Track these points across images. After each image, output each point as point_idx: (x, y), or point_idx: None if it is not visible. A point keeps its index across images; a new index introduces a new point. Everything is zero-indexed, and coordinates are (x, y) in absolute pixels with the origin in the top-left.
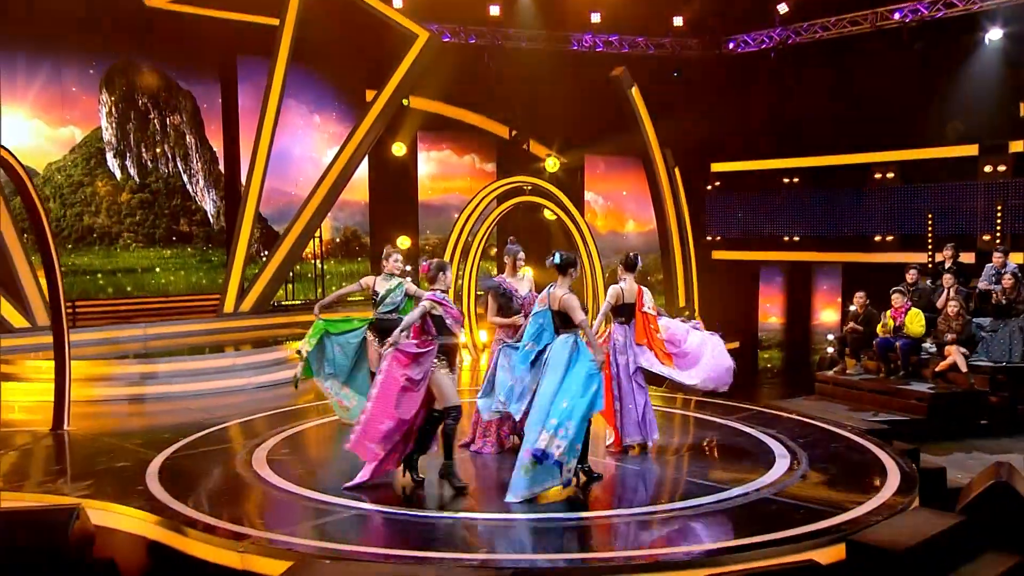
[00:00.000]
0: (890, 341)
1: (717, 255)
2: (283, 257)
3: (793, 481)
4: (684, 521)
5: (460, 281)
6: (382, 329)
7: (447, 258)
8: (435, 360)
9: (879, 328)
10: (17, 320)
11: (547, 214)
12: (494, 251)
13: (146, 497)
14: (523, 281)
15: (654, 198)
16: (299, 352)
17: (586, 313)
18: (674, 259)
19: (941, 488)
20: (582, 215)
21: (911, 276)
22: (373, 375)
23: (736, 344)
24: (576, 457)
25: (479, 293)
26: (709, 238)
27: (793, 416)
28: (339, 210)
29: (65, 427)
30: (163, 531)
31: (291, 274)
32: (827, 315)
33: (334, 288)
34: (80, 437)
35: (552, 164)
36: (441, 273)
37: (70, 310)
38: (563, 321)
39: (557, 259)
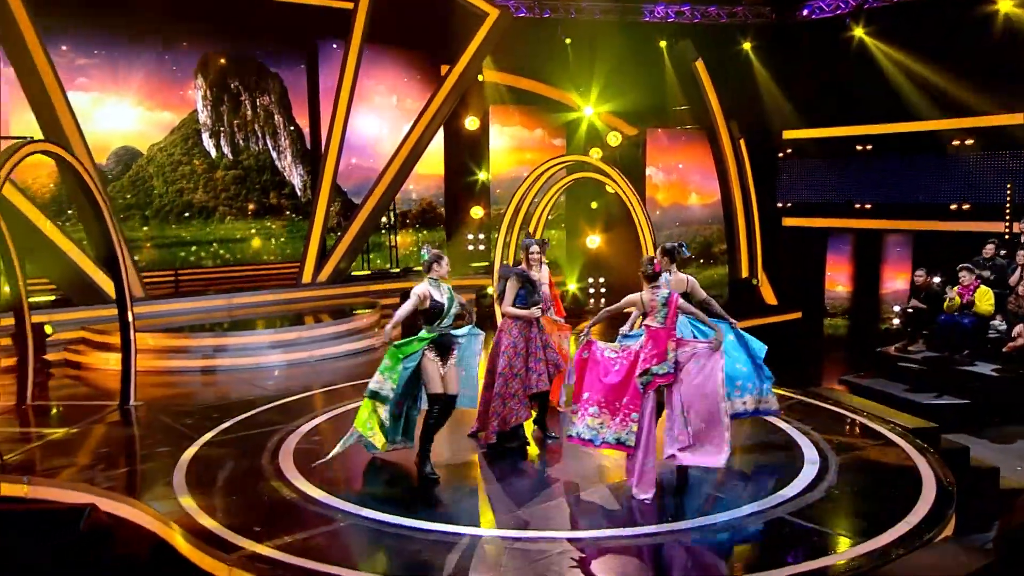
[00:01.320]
0: (955, 319)
1: (788, 221)
2: (359, 228)
3: (816, 496)
4: (679, 548)
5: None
6: (444, 344)
7: (501, 236)
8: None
9: (945, 305)
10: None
11: (608, 188)
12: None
13: (166, 493)
14: (540, 275)
15: (718, 169)
16: (376, 395)
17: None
18: (738, 229)
19: (992, 488)
20: (643, 189)
21: (988, 251)
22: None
23: (799, 314)
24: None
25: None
26: (780, 204)
27: (835, 409)
28: (415, 182)
29: (131, 403)
30: (169, 532)
31: (367, 245)
32: (896, 284)
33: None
34: (141, 414)
35: (614, 138)
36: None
37: (172, 278)
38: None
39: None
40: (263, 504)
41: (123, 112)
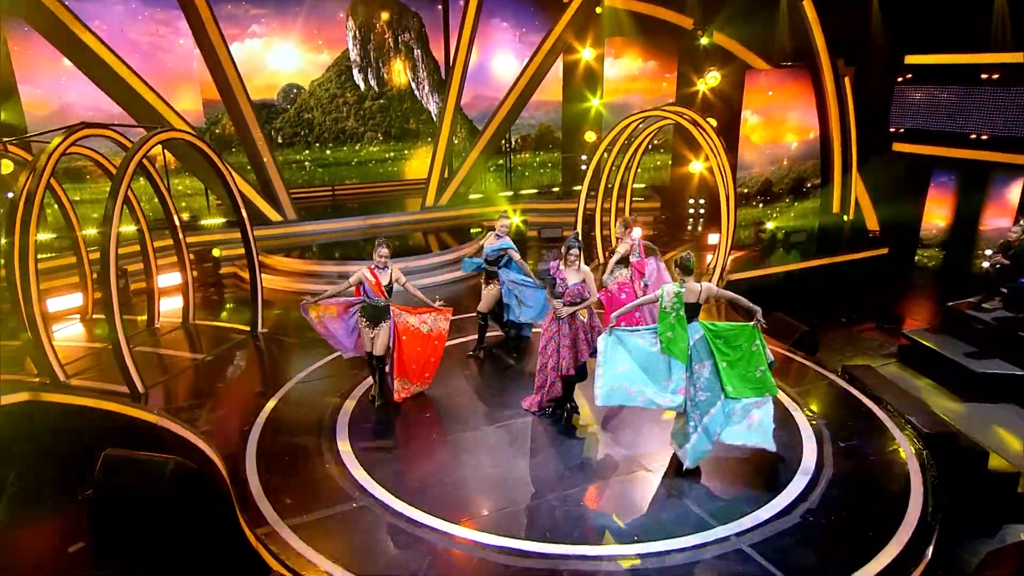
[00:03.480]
0: None
1: (898, 147)
2: (479, 153)
3: (788, 524)
4: None
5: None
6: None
7: (586, 186)
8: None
9: None
10: (272, 215)
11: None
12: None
13: (238, 447)
14: (575, 272)
15: (819, 107)
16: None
17: None
18: (833, 167)
19: (1011, 494)
20: (737, 128)
21: None
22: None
23: (885, 250)
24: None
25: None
26: (892, 130)
27: (861, 398)
28: (536, 109)
29: (259, 330)
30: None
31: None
32: (998, 223)
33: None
34: (263, 344)
35: (713, 79)
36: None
37: (330, 193)
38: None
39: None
40: (308, 474)
41: (288, 54)
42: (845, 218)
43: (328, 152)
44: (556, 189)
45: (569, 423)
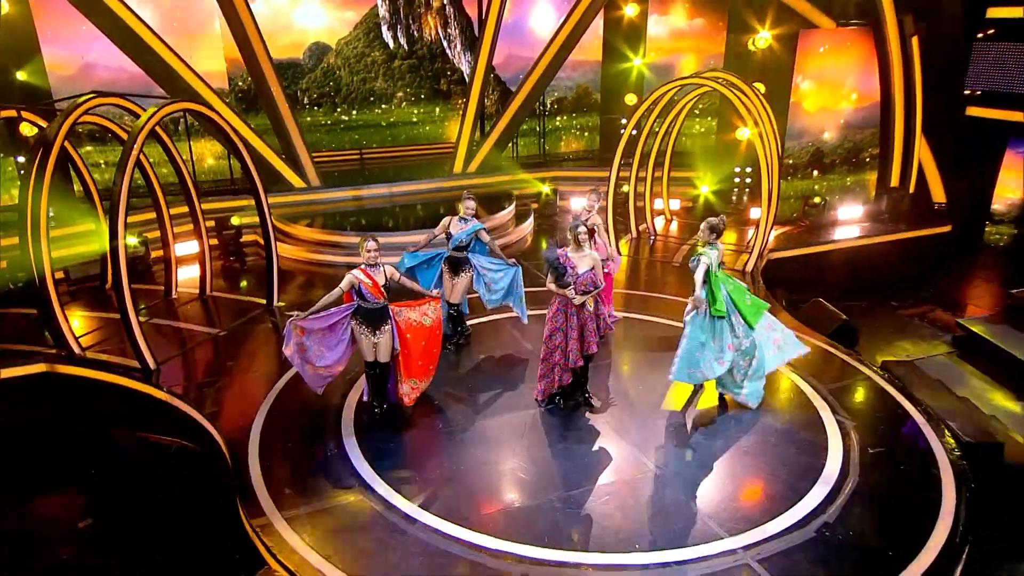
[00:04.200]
0: None
1: (972, 111)
2: (511, 116)
3: (801, 539)
4: None
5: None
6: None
7: (619, 155)
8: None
9: None
10: (296, 182)
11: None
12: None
13: (243, 431)
14: (585, 258)
15: (881, 70)
16: None
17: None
18: (894, 136)
19: None
20: (788, 94)
21: None
22: None
23: (948, 227)
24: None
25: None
26: (968, 92)
27: (900, 399)
28: (572, 69)
29: (275, 304)
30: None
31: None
32: None
33: (559, 143)
34: (278, 319)
35: (763, 41)
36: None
37: (358, 156)
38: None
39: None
40: (303, 464)
41: (315, 11)
42: (901, 195)
43: (355, 114)
44: (591, 158)
45: (577, 418)
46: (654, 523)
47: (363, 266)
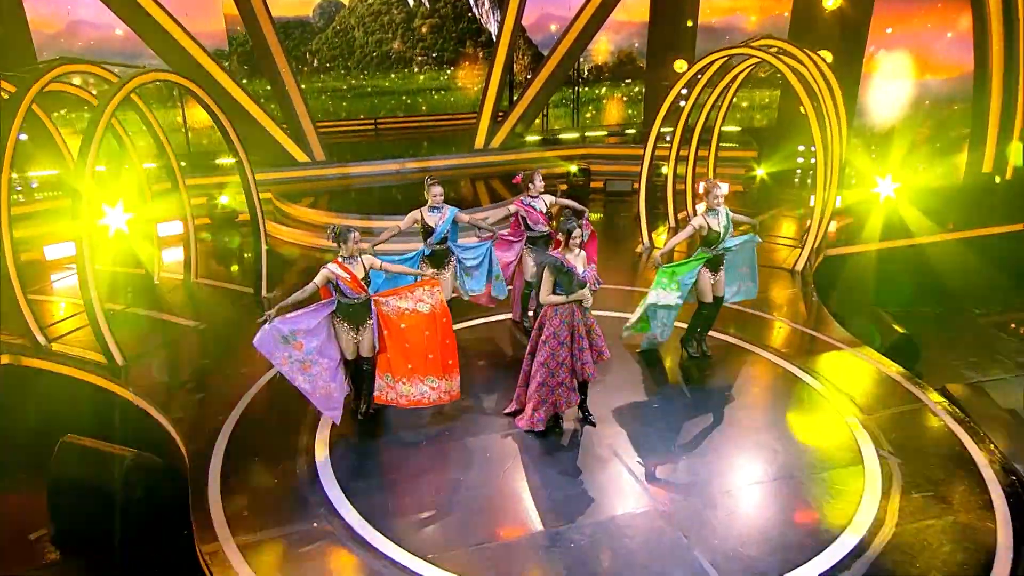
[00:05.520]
0: None
1: None
2: (541, 85)
3: None
4: None
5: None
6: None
7: (655, 130)
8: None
9: None
10: (299, 155)
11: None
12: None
13: (208, 441)
14: (578, 259)
15: (976, 35)
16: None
17: None
18: (988, 110)
19: None
20: (861, 59)
21: None
22: None
23: None
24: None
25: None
26: None
27: (960, 435)
28: (614, 31)
29: (264, 294)
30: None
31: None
32: None
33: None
34: (265, 306)
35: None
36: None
37: (372, 126)
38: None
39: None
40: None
41: None
42: (997, 179)
43: (370, 79)
44: (631, 131)
45: (573, 440)
46: (649, 570)
47: (339, 258)
